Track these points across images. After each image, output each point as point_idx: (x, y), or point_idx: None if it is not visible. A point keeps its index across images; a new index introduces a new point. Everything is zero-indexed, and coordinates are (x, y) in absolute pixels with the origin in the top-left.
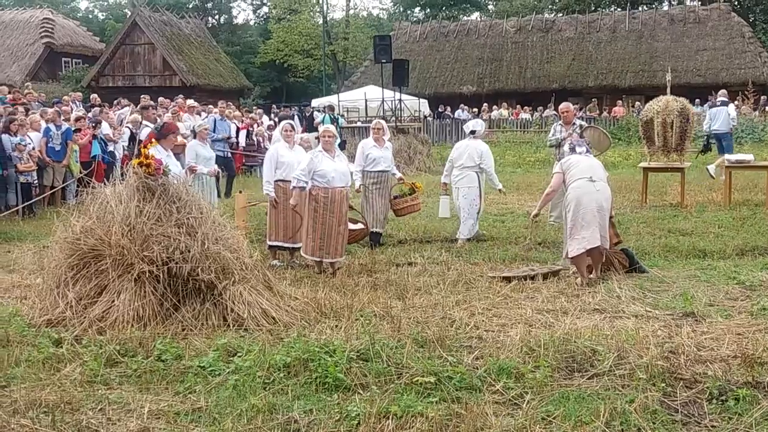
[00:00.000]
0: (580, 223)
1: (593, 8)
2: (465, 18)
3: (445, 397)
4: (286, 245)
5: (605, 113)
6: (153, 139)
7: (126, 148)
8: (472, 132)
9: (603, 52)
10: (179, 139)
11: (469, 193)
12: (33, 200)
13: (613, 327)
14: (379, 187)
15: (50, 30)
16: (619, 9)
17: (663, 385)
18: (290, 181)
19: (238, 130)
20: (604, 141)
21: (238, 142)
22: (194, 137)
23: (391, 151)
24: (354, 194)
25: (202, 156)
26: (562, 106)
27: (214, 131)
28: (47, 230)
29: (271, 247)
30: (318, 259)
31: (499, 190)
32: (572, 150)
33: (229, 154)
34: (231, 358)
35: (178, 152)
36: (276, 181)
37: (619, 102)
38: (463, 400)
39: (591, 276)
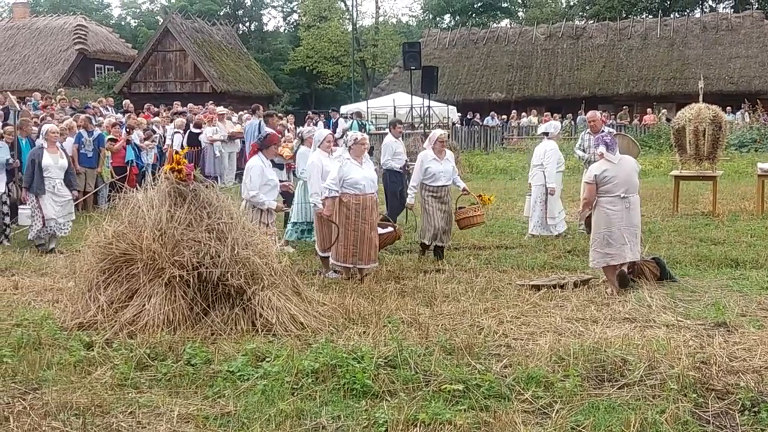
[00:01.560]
0: (607, 240)
1: (624, 15)
2: (494, 25)
3: (474, 405)
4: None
5: (636, 121)
6: (257, 150)
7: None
8: (545, 133)
9: (634, 59)
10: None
11: (535, 191)
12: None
13: (644, 336)
14: (440, 201)
15: (83, 36)
16: (650, 16)
17: (694, 395)
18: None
19: None
20: (633, 149)
21: None
22: (302, 143)
23: (452, 163)
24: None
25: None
26: (589, 114)
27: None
28: (79, 234)
29: (324, 258)
30: (350, 266)
31: (549, 189)
32: (606, 147)
33: None
34: (260, 363)
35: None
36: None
37: (650, 109)
38: (491, 408)
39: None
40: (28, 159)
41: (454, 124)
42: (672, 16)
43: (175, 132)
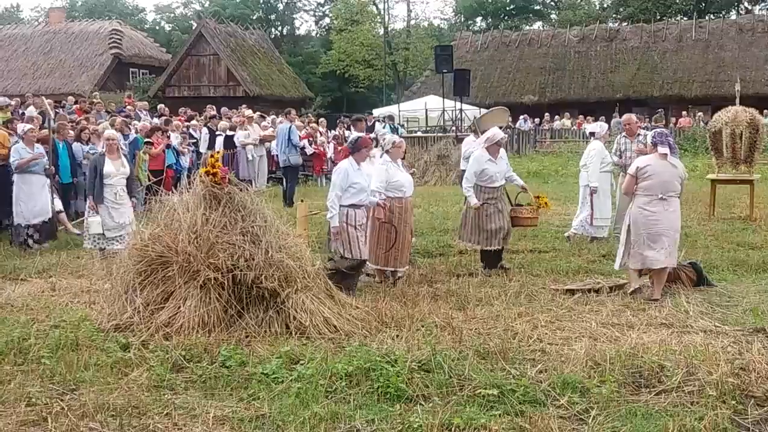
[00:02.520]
0: (647, 242)
1: (659, 17)
2: (527, 27)
3: (509, 410)
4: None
5: (671, 124)
6: (348, 153)
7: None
8: (591, 133)
9: (669, 61)
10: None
11: (582, 191)
12: None
13: (681, 342)
14: (496, 202)
15: (119, 41)
16: (685, 18)
17: (733, 402)
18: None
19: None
20: None
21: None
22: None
23: (506, 160)
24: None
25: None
26: (624, 118)
27: (290, 139)
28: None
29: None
30: (387, 269)
31: (591, 188)
32: (654, 144)
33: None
34: (294, 366)
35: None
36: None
37: (685, 112)
38: (527, 413)
39: (654, 296)
40: (90, 166)
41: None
42: (707, 18)
43: (217, 134)
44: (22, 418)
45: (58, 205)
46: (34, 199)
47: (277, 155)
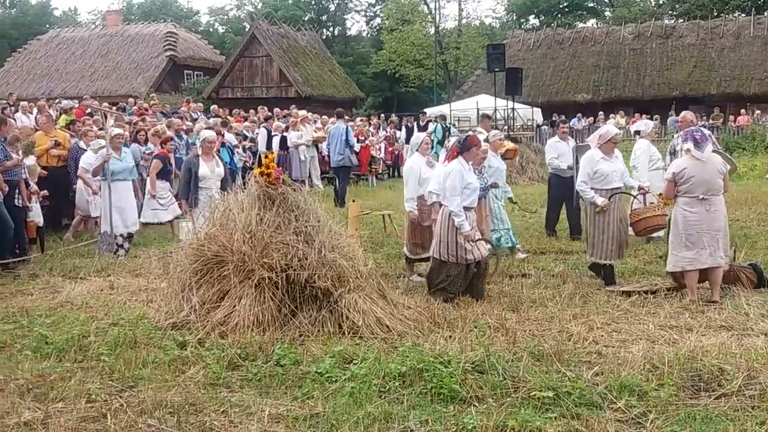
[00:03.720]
0: (684, 242)
1: (716, 14)
2: (581, 25)
3: (565, 413)
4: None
5: (730, 122)
6: (456, 153)
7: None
8: (637, 132)
9: (726, 58)
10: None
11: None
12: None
13: (742, 345)
14: (614, 206)
15: (173, 43)
16: (743, 14)
17: None
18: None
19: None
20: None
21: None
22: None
23: (621, 161)
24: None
25: (423, 176)
26: (680, 115)
27: (346, 140)
28: (171, 236)
29: (409, 262)
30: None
31: (640, 188)
32: (695, 143)
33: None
34: (347, 365)
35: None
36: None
37: (743, 110)
38: (583, 416)
39: (713, 298)
40: (183, 168)
41: (538, 126)
42: (766, 13)
43: (273, 135)
44: (82, 414)
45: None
46: (127, 209)
47: (328, 156)
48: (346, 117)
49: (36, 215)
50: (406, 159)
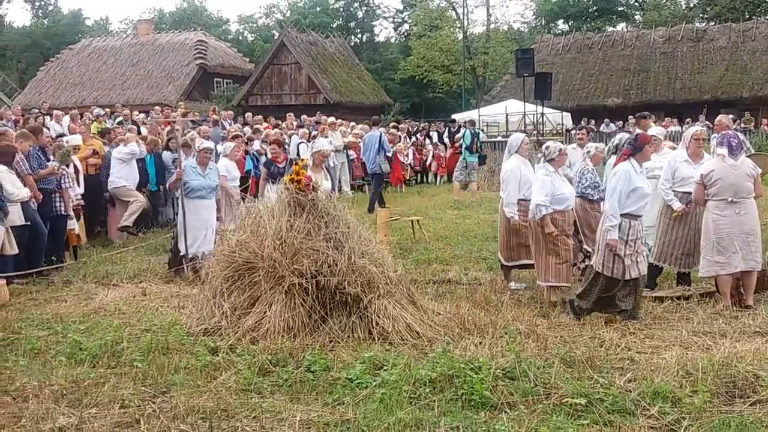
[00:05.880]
0: (716, 247)
1: (747, 16)
2: (610, 29)
3: (597, 420)
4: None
5: (762, 126)
6: (627, 155)
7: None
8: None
9: (759, 61)
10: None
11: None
12: None
13: None
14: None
15: (203, 51)
16: None
17: None
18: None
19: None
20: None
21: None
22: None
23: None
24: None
25: (524, 177)
26: (717, 119)
27: (381, 146)
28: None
29: (506, 268)
30: (566, 285)
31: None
32: (730, 149)
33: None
34: (377, 372)
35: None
36: (519, 200)
37: None
38: (615, 423)
39: (747, 303)
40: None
41: (568, 131)
42: None
43: (300, 142)
44: (116, 419)
45: None
46: (200, 228)
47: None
48: (379, 125)
49: (74, 224)
50: (506, 162)
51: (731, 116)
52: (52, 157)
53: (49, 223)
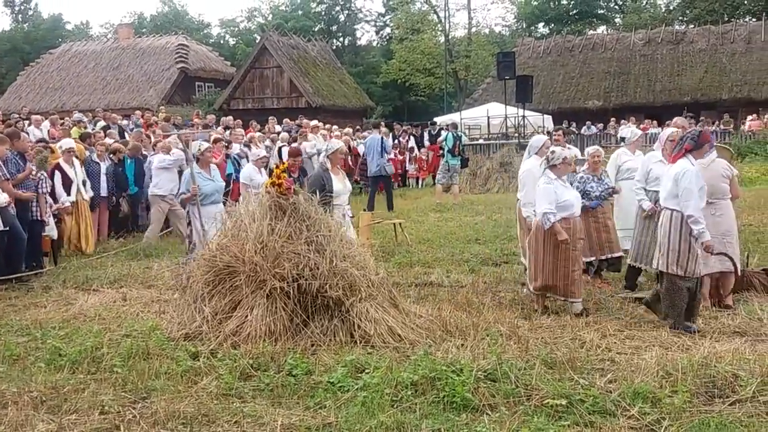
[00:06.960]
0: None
1: (726, 19)
2: (591, 32)
3: (578, 420)
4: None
5: (743, 127)
6: (686, 151)
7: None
8: (622, 139)
9: (738, 63)
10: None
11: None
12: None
13: (755, 351)
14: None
15: (185, 55)
16: (753, 19)
17: None
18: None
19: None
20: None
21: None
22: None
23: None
24: None
25: None
26: (672, 122)
27: (383, 149)
28: (184, 247)
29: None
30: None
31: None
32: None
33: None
34: (359, 375)
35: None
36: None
37: (755, 115)
38: (596, 424)
39: (726, 303)
40: (312, 184)
41: (549, 133)
42: None
43: (282, 146)
44: (96, 426)
45: None
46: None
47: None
48: (380, 128)
49: (51, 229)
50: (524, 162)
51: (690, 117)
52: (30, 162)
53: (27, 228)
